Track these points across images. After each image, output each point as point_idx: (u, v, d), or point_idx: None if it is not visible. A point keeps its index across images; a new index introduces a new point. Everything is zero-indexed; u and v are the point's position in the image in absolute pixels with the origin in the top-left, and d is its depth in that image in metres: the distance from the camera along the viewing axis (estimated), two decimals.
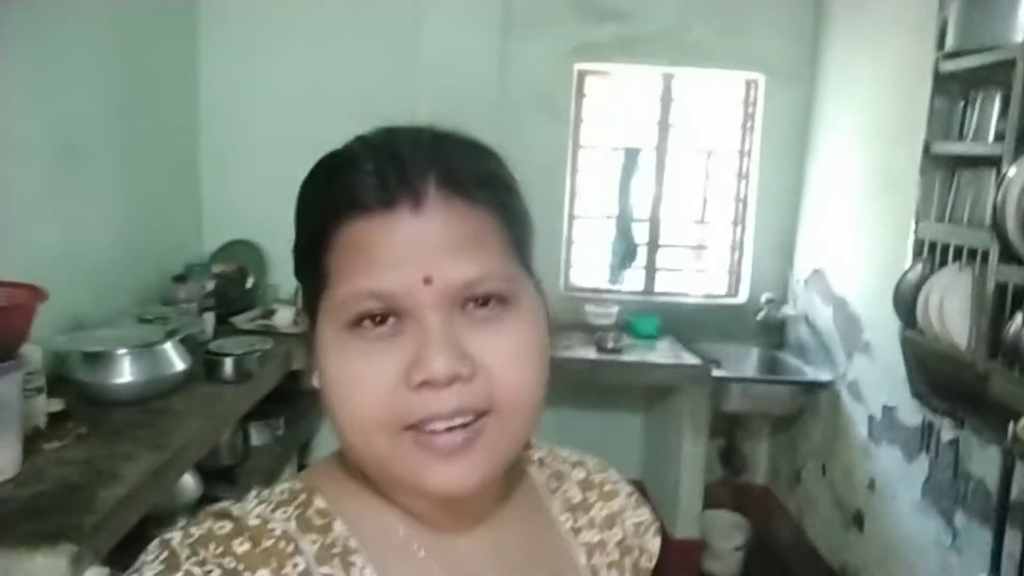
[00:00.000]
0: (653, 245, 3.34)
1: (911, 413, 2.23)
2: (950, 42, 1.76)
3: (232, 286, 3.04)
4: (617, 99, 3.28)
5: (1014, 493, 1.68)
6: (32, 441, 1.62)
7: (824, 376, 2.84)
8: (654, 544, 0.70)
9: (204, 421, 1.97)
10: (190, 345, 2.24)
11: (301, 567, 0.51)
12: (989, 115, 1.70)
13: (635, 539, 0.69)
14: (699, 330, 3.21)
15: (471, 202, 0.52)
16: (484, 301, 0.52)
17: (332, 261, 0.52)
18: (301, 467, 3.11)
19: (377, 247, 0.50)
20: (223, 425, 2.16)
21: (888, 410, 2.40)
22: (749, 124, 3.25)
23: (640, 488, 0.71)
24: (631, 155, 3.25)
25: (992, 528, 1.70)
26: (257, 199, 3.13)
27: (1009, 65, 1.57)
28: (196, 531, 0.51)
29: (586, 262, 3.39)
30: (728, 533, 3.04)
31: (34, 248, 2.05)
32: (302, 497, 0.56)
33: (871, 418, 2.52)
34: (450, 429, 0.50)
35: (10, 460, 1.49)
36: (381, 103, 3.31)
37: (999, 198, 1.50)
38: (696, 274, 3.41)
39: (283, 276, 3.13)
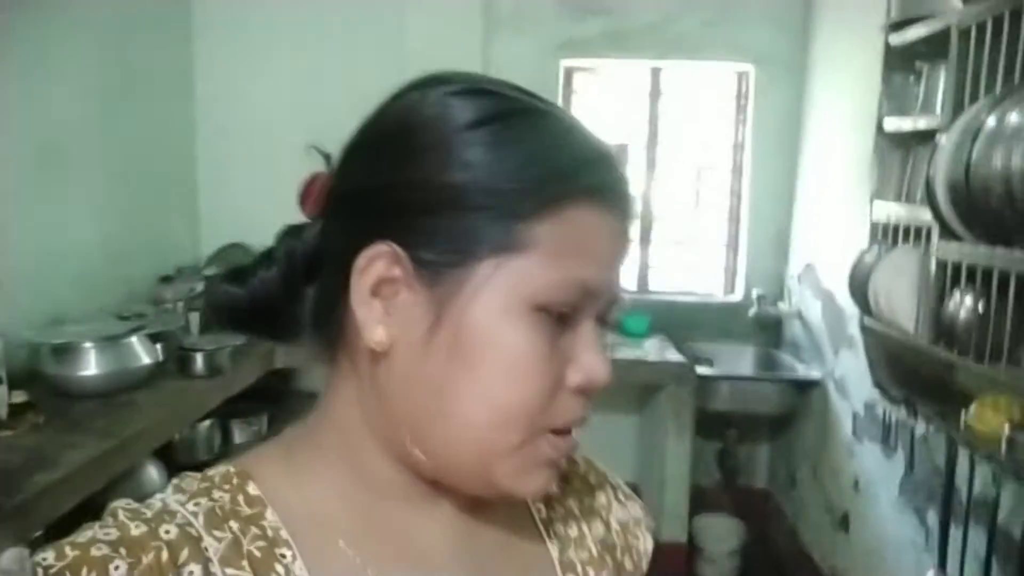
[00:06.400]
0: (645, 241, 3.28)
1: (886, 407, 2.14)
2: (893, 12, 1.69)
3: None
4: (606, 94, 3.26)
5: (977, 488, 1.58)
6: None
7: (814, 373, 2.75)
8: (644, 543, 0.66)
9: (164, 413, 2.01)
10: (169, 342, 2.29)
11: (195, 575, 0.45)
12: (936, 88, 1.63)
13: (620, 537, 0.65)
14: (694, 329, 3.14)
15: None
16: (610, 322, 0.53)
17: (541, 232, 0.47)
18: None
19: (605, 243, 0.50)
20: (187, 418, 2.20)
21: (869, 406, 2.30)
22: (741, 117, 3.18)
23: (635, 491, 0.69)
24: (622, 150, 3.21)
25: (960, 524, 1.61)
26: (255, 203, 3.18)
27: (947, 34, 1.50)
28: (71, 551, 0.44)
29: None
30: (722, 537, 2.95)
31: (14, 245, 2.11)
32: (234, 482, 0.51)
33: (855, 415, 2.42)
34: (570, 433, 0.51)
35: None
36: (369, 106, 3.34)
37: (931, 170, 1.43)
38: (690, 271, 3.34)
39: None
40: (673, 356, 2.81)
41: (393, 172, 0.50)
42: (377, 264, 0.48)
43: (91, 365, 2.01)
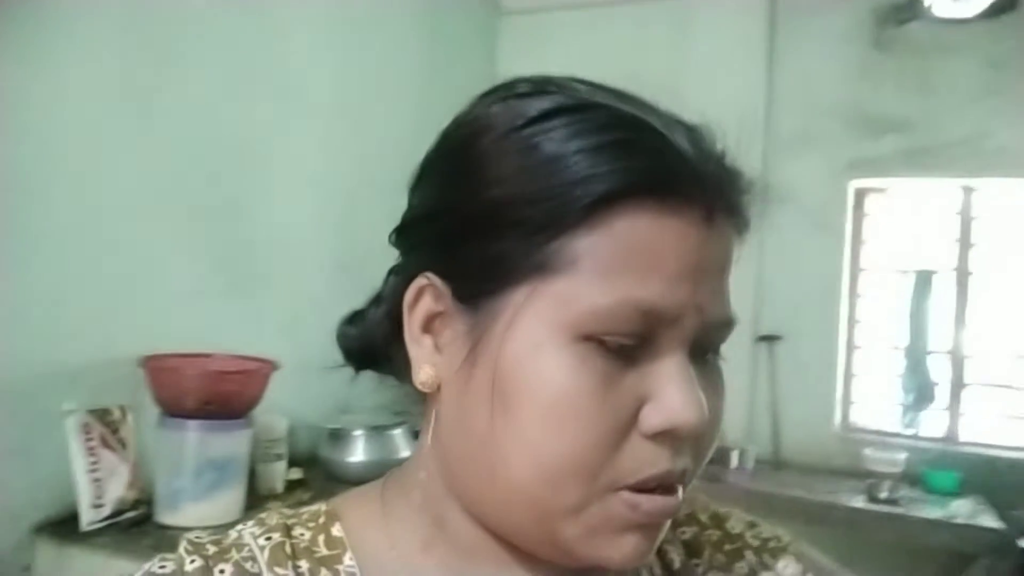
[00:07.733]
0: (956, 384, 2.80)
1: None
2: None
3: None
4: (905, 216, 2.93)
5: None
6: (264, 499, 1.86)
7: None
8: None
9: None
10: None
11: None
12: None
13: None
14: (1021, 492, 2.56)
15: (735, 236, 0.45)
16: (714, 350, 0.44)
17: (583, 247, 0.40)
18: None
19: (676, 255, 0.40)
20: None
21: None
22: None
23: None
24: (924, 278, 2.83)
25: None
26: None
27: None
28: None
29: (870, 399, 2.95)
30: None
31: (312, 340, 2.40)
32: (320, 521, 0.49)
33: None
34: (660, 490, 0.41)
35: (230, 507, 1.71)
36: None
37: None
38: (1016, 422, 2.76)
39: None
40: (988, 522, 2.30)
41: (435, 197, 0.47)
42: (424, 298, 0.45)
43: (358, 451, 2.17)
